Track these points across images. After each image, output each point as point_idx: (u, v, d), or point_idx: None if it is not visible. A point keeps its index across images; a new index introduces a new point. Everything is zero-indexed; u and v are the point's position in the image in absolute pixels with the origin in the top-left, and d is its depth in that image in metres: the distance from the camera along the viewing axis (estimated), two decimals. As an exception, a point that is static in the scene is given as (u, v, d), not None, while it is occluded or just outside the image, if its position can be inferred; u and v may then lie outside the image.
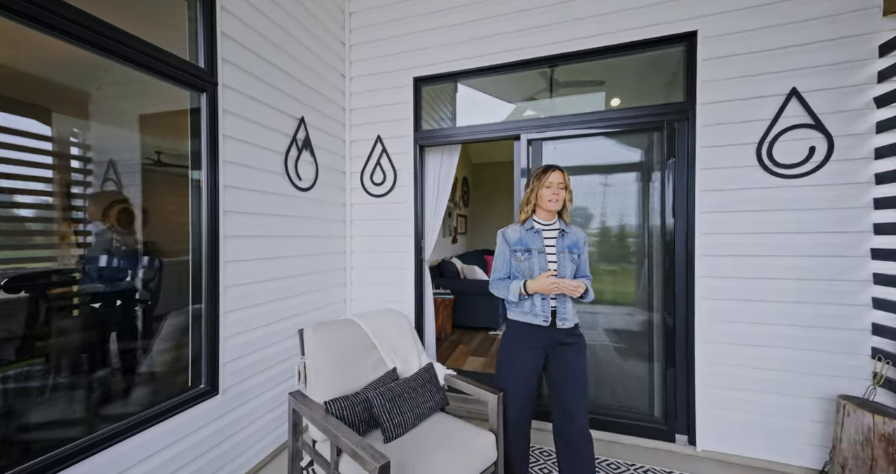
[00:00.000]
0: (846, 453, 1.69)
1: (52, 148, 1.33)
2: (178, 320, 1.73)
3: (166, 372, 1.64)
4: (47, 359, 1.30)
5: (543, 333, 1.59)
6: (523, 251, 1.61)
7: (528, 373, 1.61)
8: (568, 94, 2.58)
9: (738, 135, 2.04)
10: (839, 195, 1.88)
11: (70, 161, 1.42)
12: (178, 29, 1.65)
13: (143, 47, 1.41)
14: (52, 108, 1.32)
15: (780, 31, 1.96)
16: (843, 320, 1.87)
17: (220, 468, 1.73)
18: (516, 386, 1.62)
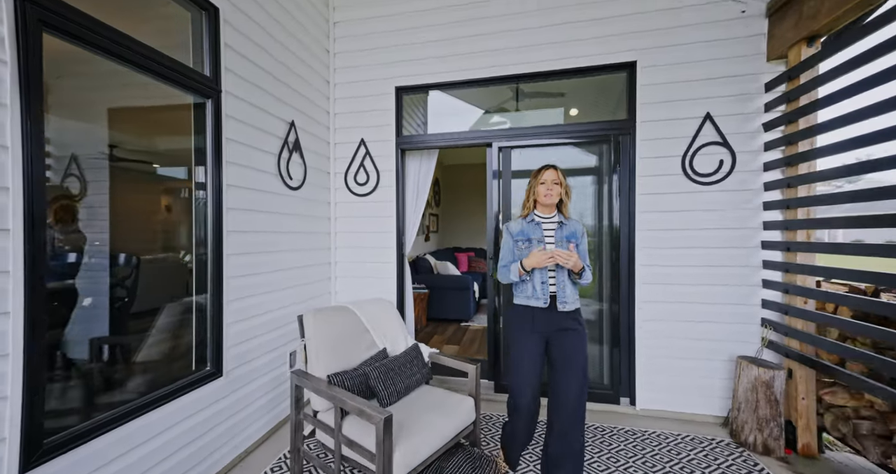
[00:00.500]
0: (740, 399, 2.17)
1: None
2: (175, 311, 1.86)
3: (167, 359, 1.77)
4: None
5: (544, 316, 1.67)
6: (525, 240, 1.74)
7: (533, 355, 1.67)
8: (533, 106, 2.94)
9: (667, 149, 2.49)
10: (740, 199, 2.38)
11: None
12: (171, 35, 1.77)
13: (165, 61, 1.56)
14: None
15: (697, 66, 2.43)
16: (743, 297, 2.37)
17: (223, 444, 1.88)
18: (527, 367, 1.67)
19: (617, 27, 2.53)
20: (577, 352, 1.64)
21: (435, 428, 1.67)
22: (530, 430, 1.80)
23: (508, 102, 3.10)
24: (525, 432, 1.79)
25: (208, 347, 1.83)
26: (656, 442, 2.21)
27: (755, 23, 2.34)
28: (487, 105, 3.06)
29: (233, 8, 1.94)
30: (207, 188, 1.82)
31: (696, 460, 2.03)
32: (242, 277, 2.02)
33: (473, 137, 2.84)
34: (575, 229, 1.76)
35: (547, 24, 2.64)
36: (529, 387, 1.69)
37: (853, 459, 2.05)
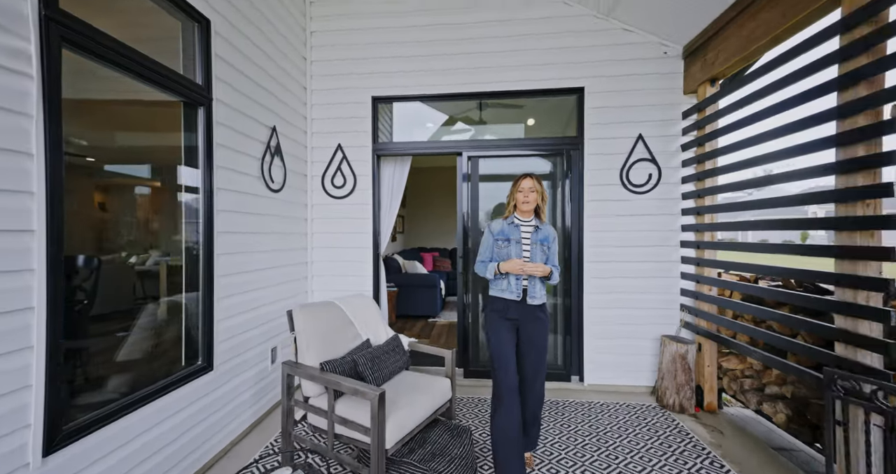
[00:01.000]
0: (664, 370, 2.66)
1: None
2: (155, 312, 1.92)
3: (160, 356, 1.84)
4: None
5: (515, 307, 1.87)
6: (504, 240, 1.90)
7: (509, 340, 1.86)
8: (496, 115, 3.29)
9: (610, 163, 2.95)
10: (664, 206, 2.89)
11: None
12: (165, 44, 1.85)
13: (168, 73, 1.65)
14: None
15: (632, 94, 2.91)
16: (666, 287, 2.88)
17: (214, 434, 1.98)
18: (503, 349, 1.84)
19: (569, 57, 2.94)
20: (541, 339, 1.88)
21: (418, 404, 1.91)
22: (516, 415, 1.77)
23: (472, 111, 3.43)
24: (513, 415, 1.77)
25: (200, 342, 1.92)
26: (600, 410, 2.63)
27: (674, 63, 2.86)
28: (453, 111, 3.36)
29: (222, 19, 2.04)
30: (200, 191, 1.91)
31: (629, 421, 2.47)
32: (230, 276, 2.12)
33: (446, 147, 3.12)
34: (548, 234, 1.94)
35: (511, 50, 2.98)
36: (513, 365, 1.85)
37: (741, 411, 2.62)
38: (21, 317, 1.14)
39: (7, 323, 1.11)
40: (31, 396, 1.16)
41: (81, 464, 1.30)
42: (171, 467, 1.69)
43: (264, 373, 2.47)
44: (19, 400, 1.13)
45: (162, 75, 1.63)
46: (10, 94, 1.11)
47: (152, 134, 1.98)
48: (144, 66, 1.55)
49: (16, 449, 1.12)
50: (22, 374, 1.14)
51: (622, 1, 2.70)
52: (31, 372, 1.16)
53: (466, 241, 3.12)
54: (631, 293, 2.92)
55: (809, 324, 1.80)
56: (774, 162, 2.10)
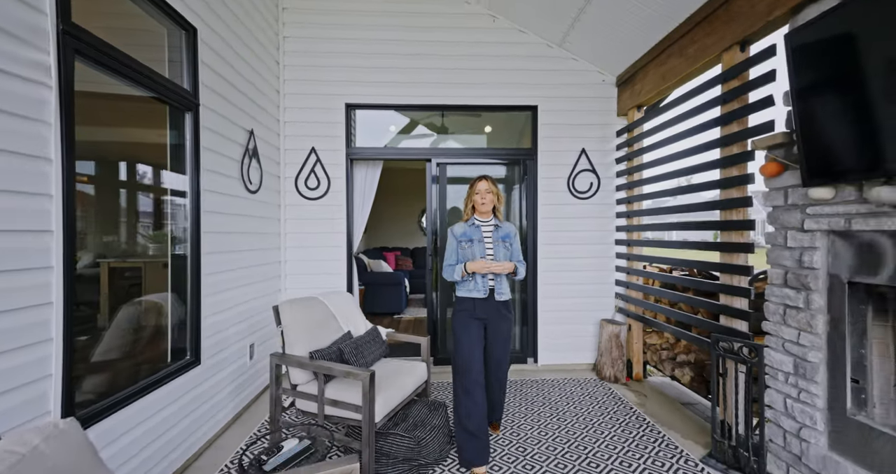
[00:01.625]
0: (602, 348, 3.17)
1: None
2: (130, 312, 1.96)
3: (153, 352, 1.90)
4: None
5: (483, 304, 1.98)
6: (467, 241, 2.02)
7: (477, 338, 1.98)
8: (457, 121, 3.62)
9: (559, 172, 3.41)
10: (603, 209, 3.42)
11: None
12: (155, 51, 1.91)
13: (163, 81, 1.72)
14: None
15: (577, 113, 3.39)
16: (604, 279, 3.41)
17: (202, 425, 2.06)
18: (474, 351, 1.95)
19: (525, 78, 3.35)
20: (506, 334, 2.04)
21: (400, 384, 2.16)
22: (481, 403, 1.91)
23: (435, 118, 3.72)
24: (478, 404, 1.90)
25: (188, 338, 1.99)
26: (551, 385, 3.06)
27: (610, 89, 3.40)
28: (419, 117, 3.62)
29: (207, 28, 2.12)
30: (188, 193, 1.98)
31: (575, 392, 2.92)
32: (214, 275, 2.19)
33: (418, 154, 3.38)
34: (508, 231, 2.07)
35: (474, 68, 3.33)
36: (478, 362, 1.96)
37: (661, 378, 3.21)
38: (42, 312, 1.22)
39: (30, 317, 1.18)
40: (52, 385, 1.24)
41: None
42: (163, 457, 1.77)
43: (243, 369, 2.55)
44: (40, 389, 1.21)
45: (158, 83, 1.72)
46: (31, 103, 1.19)
47: (146, 138, 2.01)
48: (143, 75, 1.63)
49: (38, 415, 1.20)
50: (43, 364, 1.22)
51: (570, 34, 3.16)
52: (51, 362, 1.24)
53: (436, 239, 3.41)
54: (576, 285, 3.41)
55: (704, 302, 2.35)
56: (681, 177, 2.66)
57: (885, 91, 1.33)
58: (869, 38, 1.37)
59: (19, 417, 1.14)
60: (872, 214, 1.46)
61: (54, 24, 1.25)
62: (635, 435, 2.30)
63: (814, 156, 1.58)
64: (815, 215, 1.66)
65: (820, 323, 1.68)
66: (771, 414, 1.89)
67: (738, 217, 2.11)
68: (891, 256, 1.43)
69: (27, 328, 1.17)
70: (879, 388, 1.56)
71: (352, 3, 3.23)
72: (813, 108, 1.57)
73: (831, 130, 1.53)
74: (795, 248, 1.77)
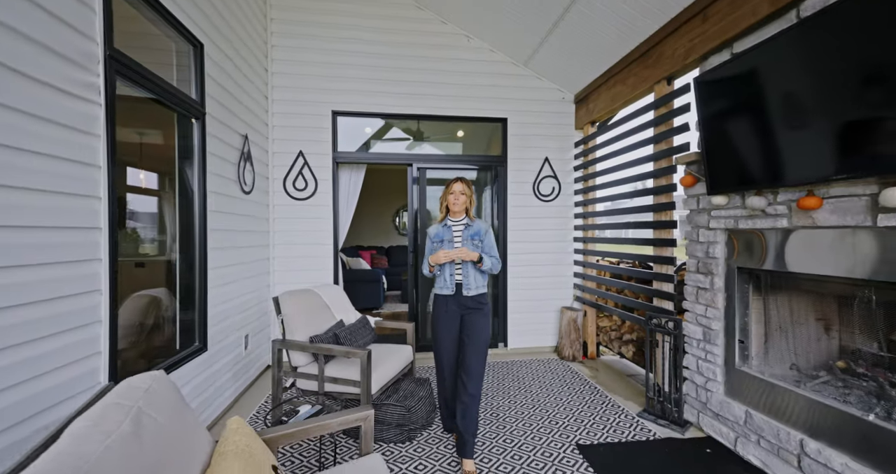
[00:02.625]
0: (562, 332, 3.65)
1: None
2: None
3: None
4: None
5: (453, 301, 2.06)
6: (439, 241, 2.12)
7: (448, 330, 2.07)
8: (431, 129, 3.96)
9: (525, 177, 3.85)
10: (563, 211, 3.90)
11: None
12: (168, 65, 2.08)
13: (179, 94, 1.91)
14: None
15: (541, 126, 3.84)
16: (564, 271, 3.89)
17: (208, 407, 2.26)
18: (443, 340, 2.08)
19: (496, 93, 3.75)
20: (481, 328, 2.03)
21: (390, 363, 2.47)
22: (455, 387, 2.10)
23: (411, 123, 4.03)
24: (451, 387, 2.14)
25: (196, 326, 2.19)
26: (518, 365, 3.49)
27: (569, 105, 3.88)
28: (397, 122, 3.92)
29: (210, 43, 2.31)
30: (195, 194, 2.18)
31: (539, 370, 3.36)
32: (218, 269, 2.39)
33: (400, 158, 3.68)
34: (479, 229, 2.12)
35: (449, 83, 3.68)
36: (448, 352, 2.10)
37: (611, 356, 3.74)
38: (93, 298, 1.42)
39: (85, 302, 1.38)
40: (101, 361, 1.44)
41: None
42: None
43: (239, 357, 2.74)
44: (94, 363, 1.41)
45: (176, 97, 1.91)
46: (85, 118, 1.39)
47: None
48: (165, 90, 1.83)
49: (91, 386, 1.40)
50: (94, 342, 1.42)
51: (534, 56, 3.60)
52: (101, 341, 1.44)
53: (416, 236, 3.73)
54: (540, 277, 3.86)
55: (643, 289, 2.86)
56: (626, 184, 3.17)
57: (753, 127, 1.84)
58: (744, 86, 1.88)
59: (80, 386, 1.35)
60: (750, 217, 1.98)
61: (102, 49, 1.45)
62: (588, 400, 2.76)
63: (713, 172, 2.08)
64: (716, 217, 2.18)
65: (720, 299, 2.20)
66: (687, 374, 2.41)
67: (666, 218, 2.62)
68: (760, 248, 1.95)
69: (82, 311, 1.38)
70: (756, 346, 2.09)
71: (337, 18, 3.47)
72: (712, 135, 2.08)
73: (723, 153, 2.03)
74: (704, 243, 2.29)
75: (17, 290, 1.14)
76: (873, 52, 1.38)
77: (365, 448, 1.41)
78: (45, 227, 1.23)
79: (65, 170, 1.30)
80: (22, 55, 1.15)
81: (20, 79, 1.14)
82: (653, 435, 2.27)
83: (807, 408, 1.74)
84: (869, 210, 1.48)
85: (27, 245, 1.17)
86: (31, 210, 1.18)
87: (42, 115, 1.22)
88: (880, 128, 1.38)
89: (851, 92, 1.46)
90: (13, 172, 1.12)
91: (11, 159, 1.12)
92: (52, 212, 1.26)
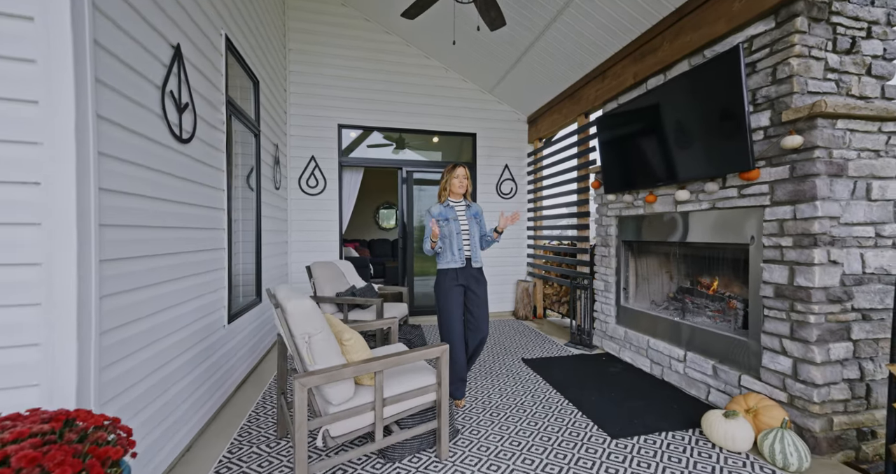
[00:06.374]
0: (517, 298, 4.77)
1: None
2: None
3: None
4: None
5: (461, 272, 2.26)
6: (444, 220, 2.29)
7: (457, 301, 2.26)
8: (411, 138, 4.94)
9: (490, 179, 4.92)
10: (519, 206, 5.02)
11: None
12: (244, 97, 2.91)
13: (254, 120, 2.77)
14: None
15: (503, 139, 4.94)
16: (519, 253, 5.02)
17: (227, 379, 3.11)
18: (453, 310, 2.24)
19: (467, 114, 4.79)
20: (483, 295, 2.35)
21: (392, 312, 3.44)
22: (463, 354, 2.28)
23: (394, 133, 4.98)
24: (462, 356, 2.28)
25: (254, 282, 3.04)
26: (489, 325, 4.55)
27: (523, 125, 5.01)
28: (389, 136, 4.87)
29: (261, 78, 3.15)
30: (255, 192, 3.02)
31: (500, 327, 4.44)
32: (266, 246, 3.23)
33: (392, 163, 4.63)
34: (478, 210, 2.42)
35: (431, 104, 4.67)
36: (458, 322, 2.28)
37: (553, 316, 4.92)
38: (219, 254, 2.28)
39: (214, 255, 2.25)
40: (224, 294, 2.31)
41: (235, 333, 2.44)
42: (251, 352, 2.82)
43: (259, 327, 3.57)
44: (221, 294, 2.28)
45: (252, 122, 2.77)
46: (220, 143, 2.24)
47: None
48: (247, 118, 2.68)
49: (219, 318, 2.26)
50: (221, 281, 2.28)
51: (497, 86, 4.67)
52: (225, 280, 2.31)
53: (404, 227, 4.69)
54: (503, 257, 4.95)
55: (573, 260, 4.02)
56: (563, 185, 4.32)
57: (624, 152, 3.00)
58: (620, 125, 3.03)
59: (216, 306, 2.21)
60: (626, 207, 3.16)
61: (224, 96, 2.31)
62: (533, 340, 3.87)
63: (607, 179, 3.24)
64: (611, 208, 3.35)
65: (613, 262, 3.37)
66: (597, 314, 3.58)
67: (584, 210, 3.78)
68: (632, 227, 3.13)
69: (217, 275, 2.23)
70: (632, 290, 3.28)
71: (342, 51, 4.35)
72: (605, 154, 3.23)
73: (611, 166, 3.19)
74: (605, 225, 3.45)
75: (202, 260, 2.00)
76: (675, 114, 2.55)
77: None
78: (200, 228, 2.09)
79: (206, 192, 2.16)
80: (206, 111, 2.01)
81: (205, 125, 2.01)
82: (572, 353, 3.41)
83: (653, 322, 2.93)
84: (674, 202, 2.66)
85: (195, 239, 2.03)
86: (192, 217, 2.03)
87: (211, 143, 2.08)
88: (676, 158, 2.55)
89: (663, 136, 2.63)
90: (193, 194, 1.98)
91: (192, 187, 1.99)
92: (203, 219, 2.11)
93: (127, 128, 1.36)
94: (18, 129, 1.05)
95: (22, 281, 1.05)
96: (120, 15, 1.33)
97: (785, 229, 1.95)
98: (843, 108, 1.79)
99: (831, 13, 1.94)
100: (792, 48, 1.92)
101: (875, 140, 1.90)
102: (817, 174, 1.83)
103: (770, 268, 2.02)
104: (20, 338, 1.04)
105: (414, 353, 1.72)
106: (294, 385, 1.43)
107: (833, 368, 1.84)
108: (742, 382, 2.16)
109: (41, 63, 1.06)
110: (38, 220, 1.07)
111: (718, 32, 2.26)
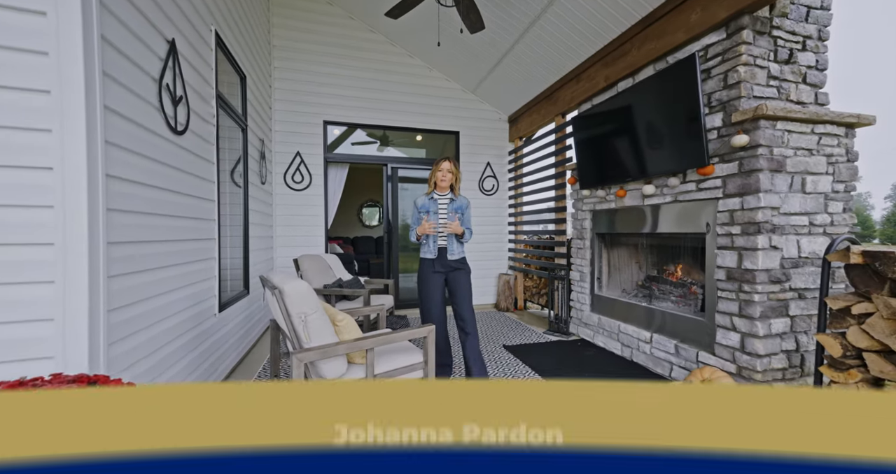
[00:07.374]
0: (499, 291, 4.96)
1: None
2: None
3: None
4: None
5: (437, 262, 2.38)
6: (425, 212, 2.41)
7: (435, 287, 2.37)
8: (395, 136, 5.05)
9: (473, 177, 5.07)
10: (500, 202, 5.20)
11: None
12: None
13: (241, 115, 2.81)
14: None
15: (486, 138, 5.11)
16: (501, 247, 5.20)
17: (219, 365, 3.15)
18: (432, 295, 2.35)
19: (450, 112, 4.94)
20: (465, 283, 2.41)
21: (380, 302, 3.54)
22: (447, 338, 2.45)
23: (378, 130, 5.08)
24: (444, 340, 2.42)
25: (242, 276, 3.08)
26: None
27: (504, 124, 5.20)
28: (373, 133, 4.96)
29: (248, 74, 3.19)
30: (242, 187, 3.06)
31: (483, 318, 4.62)
32: (253, 239, 3.27)
33: (377, 160, 4.72)
34: (462, 203, 2.42)
35: (415, 102, 4.79)
36: (437, 306, 2.38)
37: (533, 308, 5.14)
38: (210, 244, 2.34)
39: (205, 245, 2.30)
40: (216, 283, 2.36)
41: (225, 322, 2.50)
42: (239, 341, 2.87)
43: (259, 306, 3.61)
44: (212, 282, 2.34)
45: (239, 116, 2.81)
46: (211, 135, 2.30)
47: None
48: (235, 112, 2.73)
49: (210, 306, 2.32)
50: (211, 271, 2.34)
51: (479, 86, 4.84)
52: (215, 270, 2.36)
53: (388, 222, 4.79)
54: (485, 252, 5.13)
55: (552, 253, 4.23)
56: (542, 182, 4.53)
57: (597, 150, 3.22)
58: (595, 125, 3.24)
59: (207, 295, 2.27)
60: (600, 202, 3.38)
61: (214, 90, 2.36)
62: (514, 329, 4.06)
63: (581, 175, 3.45)
64: (586, 203, 3.57)
65: (588, 254, 3.59)
66: (573, 303, 3.80)
67: (562, 205, 4.00)
68: (605, 220, 3.35)
69: (208, 264, 2.29)
70: (605, 279, 3.51)
71: (326, 48, 4.40)
72: (580, 152, 3.44)
73: (586, 163, 3.41)
74: (580, 219, 3.67)
75: (194, 249, 2.06)
76: (643, 115, 2.77)
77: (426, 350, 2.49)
78: (192, 218, 2.15)
79: (194, 182, 2.22)
80: (198, 105, 2.07)
81: (197, 118, 2.06)
82: (550, 340, 3.61)
83: (624, 308, 3.16)
84: (642, 196, 2.89)
85: (188, 228, 2.09)
86: (186, 207, 2.10)
87: (204, 137, 2.14)
88: (644, 155, 2.78)
89: (632, 135, 2.85)
90: (186, 184, 2.04)
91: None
92: (195, 209, 2.17)
93: (129, 118, 1.43)
94: (32, 117, 1.12)
95: (38, 260, 1.11)
96: (123, 11, 1.40)
97: (735, 218, 2.19)
98: (782, 111, 2.04)
99: (772, 27, 2.20)
100: (740, 57, 2.16)
101: (808, 140, 2.16)
102: (761, 169, 2.07)
103: (722, 253, 2.26)
104: (37, 312, 1.11)
105: (402, 333, 1.85)
106: (292, 360, 1.54)
107: (773, 341, 2.09)
108: (699, 358, 2.40)
109: (53, 55, 1.13)
110: (52, 203, 1.14)
111: (678, 41, 2.49)
